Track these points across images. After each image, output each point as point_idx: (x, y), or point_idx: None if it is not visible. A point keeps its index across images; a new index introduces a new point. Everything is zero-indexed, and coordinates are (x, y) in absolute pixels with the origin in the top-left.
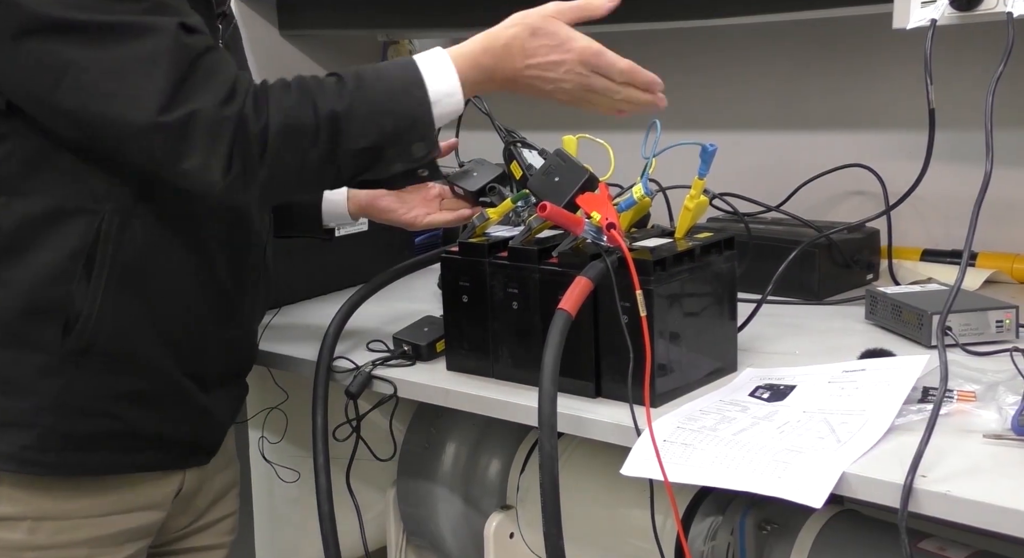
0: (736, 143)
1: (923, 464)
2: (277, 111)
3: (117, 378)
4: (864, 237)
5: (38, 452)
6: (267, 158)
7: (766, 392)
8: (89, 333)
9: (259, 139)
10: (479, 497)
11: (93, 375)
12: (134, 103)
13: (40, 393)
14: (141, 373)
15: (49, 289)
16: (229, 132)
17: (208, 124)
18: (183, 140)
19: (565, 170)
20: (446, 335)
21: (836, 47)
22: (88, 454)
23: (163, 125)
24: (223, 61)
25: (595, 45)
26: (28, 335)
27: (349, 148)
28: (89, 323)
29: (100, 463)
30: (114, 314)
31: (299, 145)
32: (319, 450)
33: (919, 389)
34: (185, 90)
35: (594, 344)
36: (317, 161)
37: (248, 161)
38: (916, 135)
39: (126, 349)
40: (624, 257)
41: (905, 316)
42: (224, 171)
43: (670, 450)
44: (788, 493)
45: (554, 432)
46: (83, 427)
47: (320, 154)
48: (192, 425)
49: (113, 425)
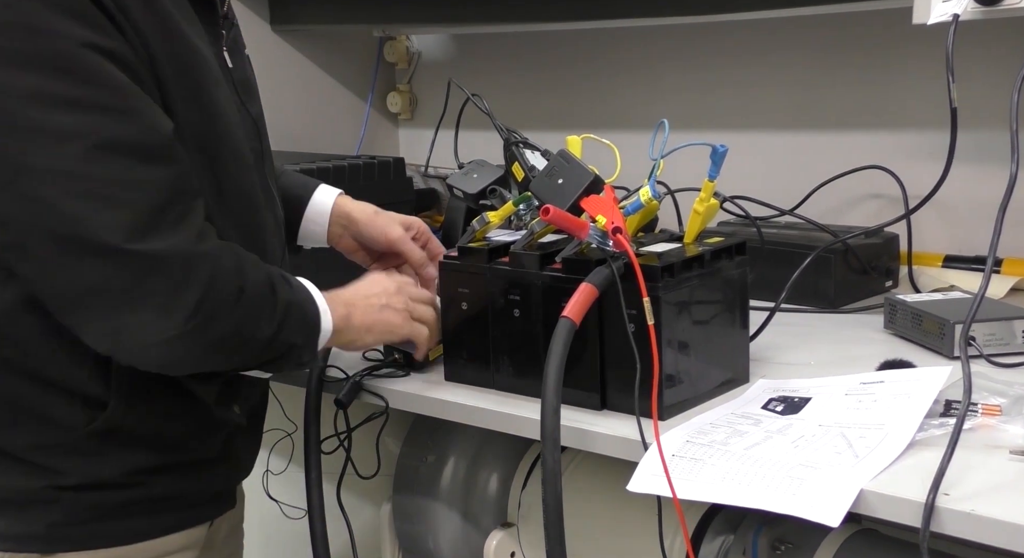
0: (748, 144)
1: (946, 481)
2: (252, 276)
3: (146, 454)
4: (882, 242)
5: (64, 527)
6: (235, 315)
7: (780, 404)
8: (117, 419)
9: (235, 293)
10: (478, 514)
11: (118, 452)
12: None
13: (63, 472)
14: (170, 448)
15: (63, 369)
16: (207, 271)
17: (181, 263)
18: (148, 275)
19: (569, 172)
20: (444, 344)
21: (853, 43)
22: (118, 523)
23: (131, 253)
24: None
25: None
26: (48, 412)
27: (286, 338)
28: (117, 411)
29: (131, 530)
30: (140, 401)
31: (260, 317)
32: (311, 464)
33: (941, 402)
34: (163, 218)
35: (599, 354)
36: (262, 340)
37: (218, 309)
38: (937, 135)
39: (154, 430)
40: (630, 263)
41: (926, 325)
42: (188, 317)
43: (679, 465)
44: (803, 511)
45: (557, 446)
46: (111, 498)
47: (268, 334)
48: (223, 478)
49: (141, 493)
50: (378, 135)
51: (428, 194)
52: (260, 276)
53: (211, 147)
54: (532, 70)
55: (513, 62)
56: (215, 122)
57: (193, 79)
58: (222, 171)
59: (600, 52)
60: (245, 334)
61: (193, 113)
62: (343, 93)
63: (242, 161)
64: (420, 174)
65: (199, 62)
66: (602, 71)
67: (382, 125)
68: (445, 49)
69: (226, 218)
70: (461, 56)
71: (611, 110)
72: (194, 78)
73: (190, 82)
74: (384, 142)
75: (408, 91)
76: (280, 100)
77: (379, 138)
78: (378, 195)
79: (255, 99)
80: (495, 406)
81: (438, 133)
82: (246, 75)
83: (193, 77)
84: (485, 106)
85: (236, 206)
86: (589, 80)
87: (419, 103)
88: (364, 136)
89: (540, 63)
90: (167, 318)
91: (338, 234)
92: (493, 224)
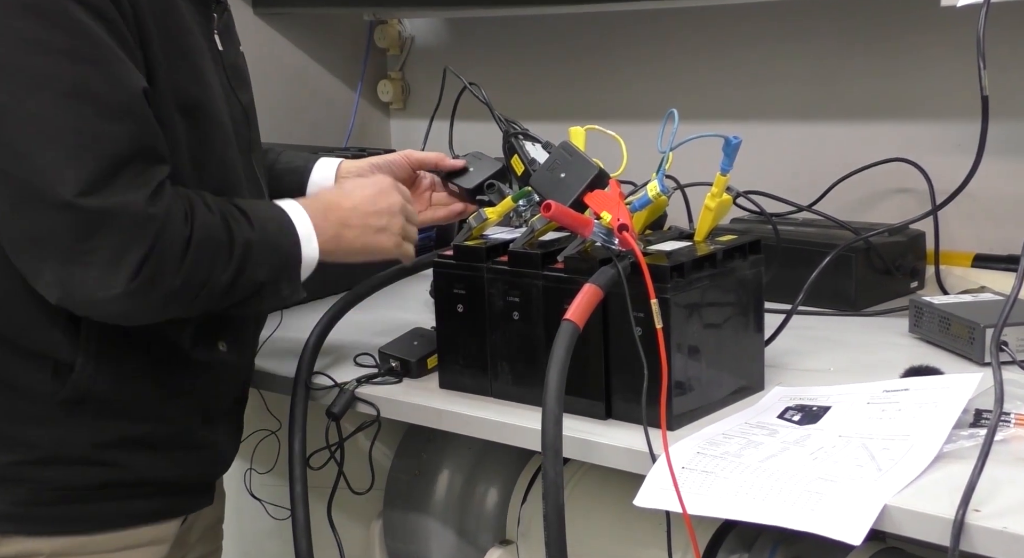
0: (763, 135)
1: (976, 496)
2: (201, 224)
3: (116, 423)
4: (907, 240)
5: (29, 507)
6: (183, 269)
7: (797, 414)
8: (85, 383)
9: (181, 247)
10: (475, 531)
11: (89, 422)
12: (57, 174)
13: (32, 445)
14: (141, 417)
15: (33, 332)
16: (153, 231)
17: (129, 222)
18: (95, 232)
19: (572, 165)
20: (439, 349)
21: (876, 27)
22: (84, 507)
23: (80, 208)
24: (161, 148)
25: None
26: (17, 380)
27: (250, 278)
28: (85, 372)
29: (99, 516)
30: (108, 361)
31: (214, 264)
32: (296, 478)
33: (971, 412)
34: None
35: (604, 359)
36: (221, 284)
37: (162, 268)
38: (967, 126)
39: (124, 397)
40: (637, 262)
41: (954, 329)
42: (130, 277)
43: (689, 478)
44: (822, 528)
45: (559, 457)
46: (79, 478)
47: (227, 278)
48: (198, 464)
49: (112, 474)
50: (368, 126)
51: None
52: (212, 220)
53: (194, 113)
54: (533, 57)
55: (512, 48)
56: (202, 90)
57: (179, 45)
58: (204, 139)
59: (605, 37)
60: (196, 283)
61: (179, 76)
62: (331, 81)
63: (226, 133)
64: None
65: (186, 29)
66: (607, 58)
67: (372, 115)
68: (440, 34)
69: (200, 186)
70: (457, 42)
71: (617, 99)
72: (180, 44)
73: (176, 47)
74: (375, 133)
75: (400, 79)
76: (263, 88)
77: (369, 129)
78: None
79: (246, 88)
80: (493, 415)
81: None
82: (237, 63)
83: (179, 43)
84: (483, 95)
85: (216, 177)
86: (593, 67)
87: (412, 92)
88: (353, 127)
89: (541, 49)
90: (112, 275)
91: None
92: (491, 221)
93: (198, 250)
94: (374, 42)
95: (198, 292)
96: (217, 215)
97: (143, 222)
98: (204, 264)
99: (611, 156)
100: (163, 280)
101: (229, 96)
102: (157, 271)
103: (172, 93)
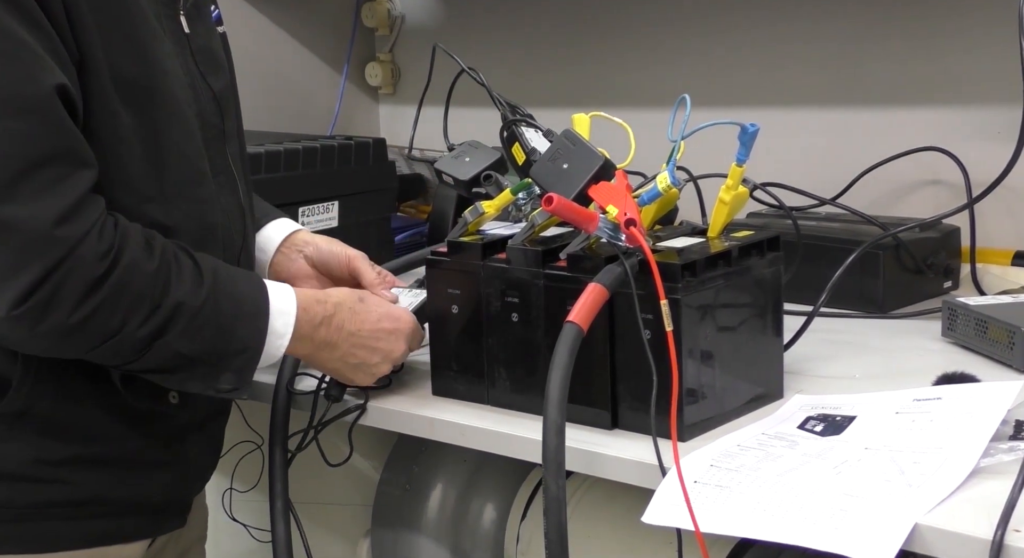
0: (782, 122)
1: (1016, 515)
2: (127, 267)
3: (62, 442)
4: (941, 236)
5: None
6: (83, 309)
7: (819, 424)
8: (22, 400)
9: (88, 283)
10: (470, 550)
11: (32, 439)
12: None
13: None
14: (92, 436)
15: None
16: (55, 257)
17: (28, 240)
18: None
19: (575, 155)
20: (431, 353)
21: (906, 3)
22: (32, 526)
23: None
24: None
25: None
26: None
27: (168, 345)
28: (22, 390)
29: (45, 538)
30: (50, 380)
31: (129, 315)
32: (277, 493)
33: (1010, 423)
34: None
35: (610, 365)
36: (135, 340)
37: (57, 299)
38: (1006, 112)
39: (71, 416)
40: (646, 260)
41: (992, 333)
42: (17, 300)
43: (702, 493)
44: (847, 548)
45: (562, 470)
46: (24, 495)
47: (140, 336)
48: (164, 483)
49: (59, 492)
50: (355, 112)
51: (413, 180)
52: (145, 266)
53: (146, 104)
54: (533, 38)
55: (511, 29)
56: (153, 78)
57: (123, 30)
58: (159, 130)
59: (611, 17)
60: (101, 330)
61: (125, 64)
62: (314, 63)
63: (186, 123)
64: (404, 157)
65: (131, 11)
66: (613, 39)
67: (360, 100)
68: (433, 12)
69: (158, 185)
70: (451, 21)
71: (624, 84)
72: (125, 29)
73: (121, 33)
74: (362, 120)
75: (390, 61)
76: (240, 71)
77: (356, 115)
78: (356, 181)
79: (221, 73)
80: (490, 425)
81: (421, 109)
82: (210, 46)
83: (124, 27)
84: (481, 78)
85: (174, 174)
86: (599, 50)
87: (402, 75)
88: (339, 113)
89: (542, 29)
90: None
91: (287, 259)
92: (488, 215)
93: (112, 294)
94: (361, 21)
95: (104, 340)
96: (155, 263)
97: (44, 243)
98: (116, 311)
99: (618, 145)
100: (56, 314)
101: (196, 82)
102: (50, 301)
103: (120, 82)
